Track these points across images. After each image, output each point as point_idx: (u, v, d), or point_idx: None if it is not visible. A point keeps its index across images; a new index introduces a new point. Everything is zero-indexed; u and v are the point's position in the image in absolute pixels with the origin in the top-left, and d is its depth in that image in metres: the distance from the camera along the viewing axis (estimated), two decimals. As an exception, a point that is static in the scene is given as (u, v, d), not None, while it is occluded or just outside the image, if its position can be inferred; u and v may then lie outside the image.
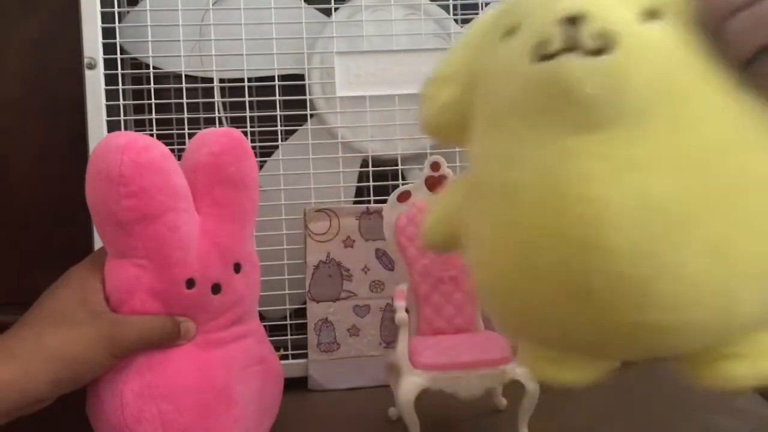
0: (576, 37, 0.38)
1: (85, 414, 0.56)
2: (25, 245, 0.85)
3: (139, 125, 0.76)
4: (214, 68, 0.76)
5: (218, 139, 0.58)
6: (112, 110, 0.74)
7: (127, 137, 0.52)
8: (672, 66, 0.38)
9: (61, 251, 0.85)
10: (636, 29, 0.38)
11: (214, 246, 0.56)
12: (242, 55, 0.76)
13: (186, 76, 0.76)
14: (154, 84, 0.75)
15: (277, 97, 0.77)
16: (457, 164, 0.77)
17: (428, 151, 0.78)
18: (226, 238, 0.57)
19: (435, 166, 0.68)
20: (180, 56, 0.75)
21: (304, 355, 0.76)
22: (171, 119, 0.76)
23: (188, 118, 0.75)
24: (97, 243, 0.73)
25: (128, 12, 0.76)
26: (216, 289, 0.56)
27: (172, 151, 0.74)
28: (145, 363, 0.54)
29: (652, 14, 0.39)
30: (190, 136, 0.74)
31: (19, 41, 0.83)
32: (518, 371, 0.60)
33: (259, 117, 0.77)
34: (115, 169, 0.51)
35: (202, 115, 0.77)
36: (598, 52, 0.38)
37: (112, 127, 0.74)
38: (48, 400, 0.51)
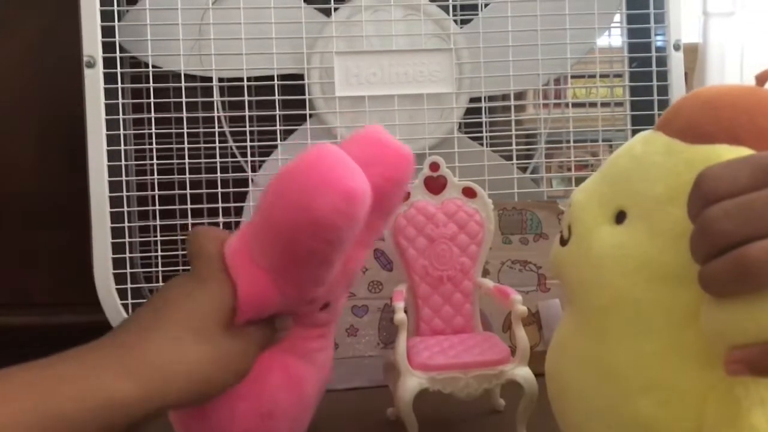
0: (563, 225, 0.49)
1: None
2: (24, 246, 0.85)
3: (138, 124, 0.76)
4: (213, 67, 0.76)
5: (401, 164, 0.54)
6: (111, 109, 0.74)
7: (352, 180, 0.46)
8: (603, 274, 0.45)
9: (60, 252, 0.85)
10: (592, 228, 0.46)
11: (346, 271, 0.53)
12: (241, 54, 0.75)
13: (185, 75, 0.76)
14: (154, 83, 0.75)
15: (277, 96, 0.77)
16: (456, 164, 0.78)
17: (427, 151, 0.78)
18: (357, 264, 0.55)
19: (434, 166, 0.68)
20: (179, 55, 0.75)
21: (302, 355, 0.76)
22: (170, 118, 0.76)
23: (187, 117, 0.75)
24: (96, 243, 0.73)
25: (128, 11, 0.76)
26: (326, 305, 0.54)
27: (170, 150, 0.75)
28: (252, 377, 0.51)
29: (619, 216, 0.45)
30: (189, 135, 0.75)
31: (18, 40, 0.83)
32: (516, 372, 0.59)
33: (258, 116, 0.77)
34: (327, 212, 0.45)
35: (201, 114, 0.77)
36: (564, 242, 0.48)
37: (111, 125, 0.74)
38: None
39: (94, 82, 0.73)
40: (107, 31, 0.74)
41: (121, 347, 0.44)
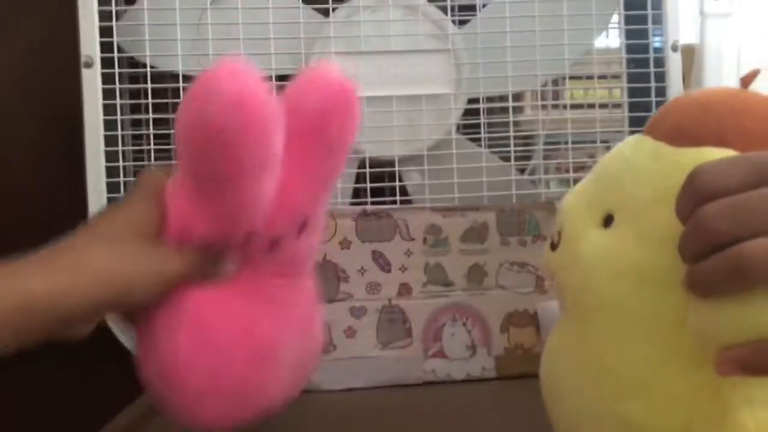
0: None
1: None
2: (22, 247, 0.85)
3: (136, 124, 0.76)
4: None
5: (330, 90, 0.52)
6: (109, 109, 0.74)
7: (241, 84, 0.46)
8: (590, 278, 0.45)
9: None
10: (581, 232, 0.47)
11: (288, 205, 0.52)
12: (240, 54, 0.75)
13: (183, 75, 0.75)
14: (152, 83, 0.75)
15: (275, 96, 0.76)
16: (454, 166, 0.78)
17: (425, 152, 0.78)
18: (301, 198, 0.53)
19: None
20: (177, 55, 0.75)
21: (300, 356, 0.76)
22: (168, 119, 0.76)
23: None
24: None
25: (126, 11, 0.76)
26: (275, 244, 0.52)
27: (168, 151, 0.75)
28: (198, 310, 0.51)
29: (607, 219, 0.46)
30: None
31: (15, 40, 0.83)
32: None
33: (256, 117, 0.77)
34: (221, 120, 0.45)
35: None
36: (555, 246, 0.49)
37: (109, 126, 0.74)
38: (85, 325, 0.48)
39: (91, 82, 0.73)
40: (105, 31, 0.74)
41: (38, 256, 0.47)
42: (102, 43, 0.74)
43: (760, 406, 0.37)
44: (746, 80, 0.46)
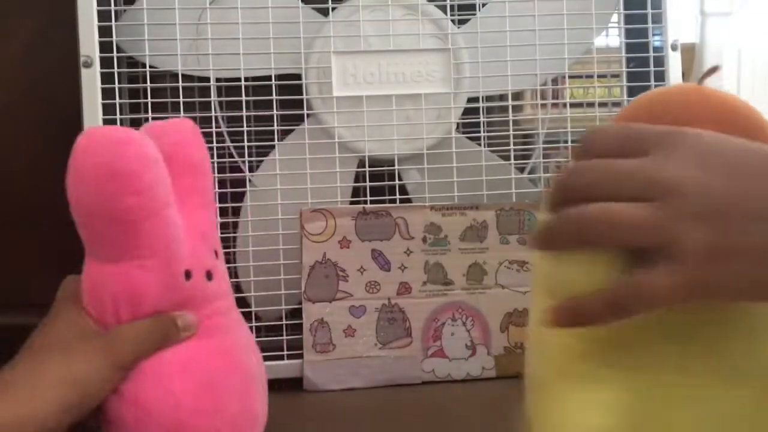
0: None
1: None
2: (22, 247, 0.85)
3: (136, 124, 0.76)
4: (210, 67, 0.76)
5: (177, 128, 0.59)
6: (108, 109, 0.74)
7: (118, 131, 0.52)
8: None
9: (58, 252, 0.85)
10: None
11: (199, 235, 0.56)
12: (239, 54, 0.75)
13: (182, 75, 0.75)
14: (151, 83, 0.75)
15: (274, 96, 0.76)
16: (454, 164, 0.78)
17: (425, 151, 0.78)
18: (206, 225, 0.58)
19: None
20: (177, 55, 0.75)
21: (300, 356, 0.76)
22: (167, 118, 0.75)
23: (185, 118, 0.75)
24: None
25: (125, 10, 0.76)
26: (209, 276, 0.56)
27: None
28: (177, 360, 0.54)
29: None
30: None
31: (14, 40, 0.83)
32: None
33: (255, 117, 0.77)
34: (121, 163, 0.49)
35: (198, 115, 0.76)
36: None
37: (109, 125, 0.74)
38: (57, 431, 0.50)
39: (91, 81, 0.73)
40: (104, 31, 0.74)
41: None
42: (101, 43, 0.73)
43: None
44: (703, 77, 0.48)
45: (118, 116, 0.74)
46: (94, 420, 0.54)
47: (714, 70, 0.49)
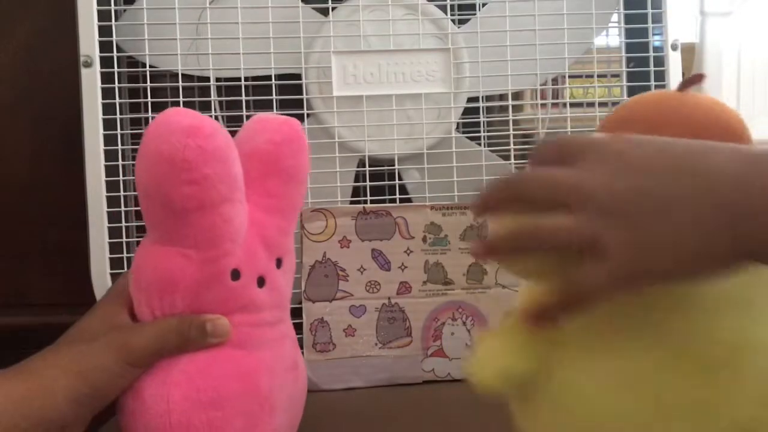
0: None
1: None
2: (21, 246, 0.85)
3: (135, 124, 0.76)
4: (210, 67, 0.76)
5: (279, 128, 0.57)
6: (108, 108, 0.74)
7: (191, 118, 0.49)
8: None
9: (56, 252, 0.85)
10: None
11: (262, 239, 0.54)
12: (239, 54, 0.75)
13: (182, 75, 0.75)
14: (151, 82, 0.75)
15: (274, 96, 0.76)
16: (454, 164, 0.78)
17: (425, 151, 0.78)
18: (273, 231, 0.55)
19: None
20: (176, 55, 0.75)
21: (300, 355, 0.76)
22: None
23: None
24: (94, 243, 0.73)
25: (125, 10, 0.76)
26: (261, 282, 0.54)
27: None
28: (191, 367, 0.52)
29: None
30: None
31: (14, 39, 0.83)
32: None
33: (255, 116, 0.77)
34: (179, 153, 0.48)
35: (198, 114, 0.76)
36: None
37: (108, 125, 0.74)
38: (72, 424, 0.50)
39: (91, 81, 0.73)
40: (104, 31, 0.74)
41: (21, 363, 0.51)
42: (101, 43, 0.73)
43: None
44: (684, 84, 0.52)
45: (118, 116, 0.74)
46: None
47: (698, 78, 0.52)
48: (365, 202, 0.77)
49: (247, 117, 0.75)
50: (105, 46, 0.74)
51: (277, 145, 0.56)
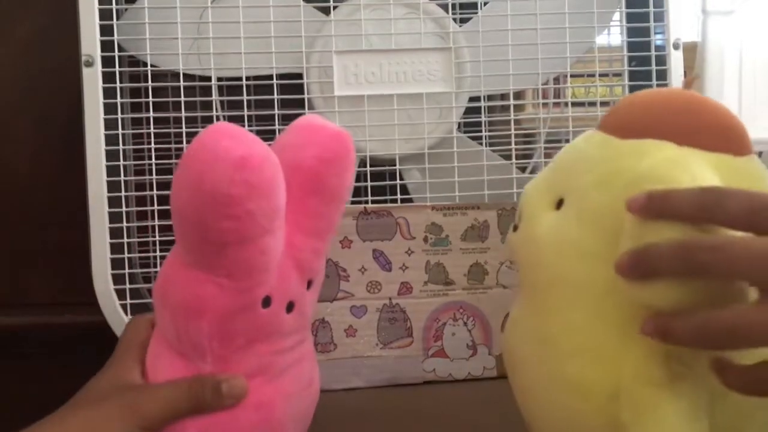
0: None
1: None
2: (22, 246, 0.85)
3: (137, 124, 0.76)
4: (212, 66, 0.75)
5: (329, 143, 0.52)
6: (109, 108, 0.74)
7: (241, 146, 0.45)
8: (541, 254, 0.51)
9: (57, 252, 0.85)
10: (537, 214, 0.52)
11: (296, 262, 0.51)
12: (240, 53, 0.75)
13: (184, 74, 0.75)
14: (152, 82, 0.75)
15: (275, 96, 0.76)
16: (455, 164, 0.78)
17: (426, 151, 0.78)
18: (308, 254, 0.52)
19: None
20: (178, 54, 0.75)
21: (301, 355, 0.76)
22: (169, 118, 0.76)
23: (186, 117, 0.75)
24: (95, 244, 0.73)
25: (126, 9, 0.76)
26: (290, 307, 0.52)
27: (169, 150, 0.75)
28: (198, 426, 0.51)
29: (559, 203, 0.51)
30: (188, 135, 0.74)
31: (15, 38, 0.83)
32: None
33: (257, 116, 0.77)
34: (224, 187, 0.44)
35: (199, 114, 0.76)
36: (516, 228, 0.54)
37: (110, 125, 0.73)
38: None
39: (92, 81, 0.73)
40: (106, 30, 0.74)
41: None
42: (102, 42, 0.73)
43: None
44: (687, 83, 0.53)
45: (119, 115, 0.74)
46: None
47: (695, 78, 0.53)
48: (366, 202, 0.77)
49: (249, 117, 0.76)
50: (106, 46, 0.74)
51: (324, 163, 0.52)
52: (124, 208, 0.74)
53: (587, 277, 0.48)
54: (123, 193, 0.74)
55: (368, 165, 0.77)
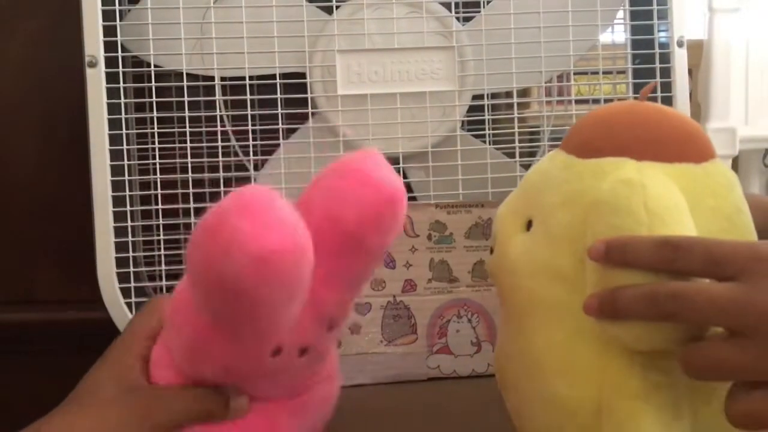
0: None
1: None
2: (26, 243, 0.86)
3: (141, 124, 0.76)
4: (215, 66, 0.76)
5: (379, 205, 0.44)
6: (113, 108, 0.74)
7: (266, 229, 0.38)
8: (516, 277, 0.52)
9: (64, 250, 0.86)
10: (509, 236, 0.53)
11: (317, 314, 0.46)
12: (243, 53, 0.75)
13: (187, 74, 0.76)
14: (156, 82, 0.75)
15: (279, 95, 0.76)
16: (459, 162, 0.78)
17: (430, 149, 0.78)
18: (332, 307, 0.47)
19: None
20: (181, 54, 0.75)
21: (305, 353, 0.76)
22: (172, 117, 0.76)
23: (189, 117, 0.75)
24: (99, 243, 0.73)
25: (129, 10, 0.76)
26: (303, 351, 0.48)
27: (173, 150, 0.75)
28: None
29: (529, 224, 0.52)
30: (192, 134, 0.75)
31: (19, 39, 0.83)
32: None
33: (260, 115, 0.77)
34: (231, 271, 0.38)
35: (203, 114, 0.77)
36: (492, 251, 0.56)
37: (113, 125, 0.74)
38: None
39: (96, 81, 0.73)
40: (109, 31, 0.74)
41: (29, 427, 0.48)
42: (106, 43, 0.74)
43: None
44: (644, 93, 0.54)
45: (123, 115, 0.74)
46: None
47: (653, 87, 0.56)
48: (370, 200, 0.77)
49: (252, 116, 0.76)
50: (110, 46, 0.74)
51: (368, 227, 0.44)
52: (128, 208, 0.74)
53: (562, 297, 0.49)
54: (127, 193, 0.74)
55: (371, 164, 0.77)
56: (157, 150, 0.75)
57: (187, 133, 0.75)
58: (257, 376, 0.49)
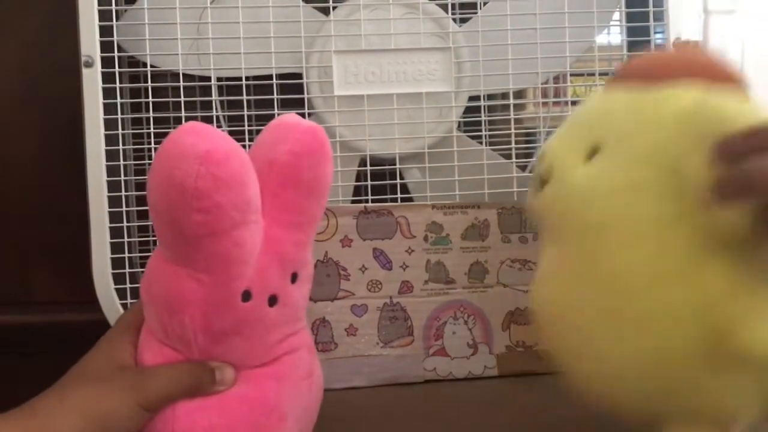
0: (539, 172, 0.56)
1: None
2: (23, 244, 0.85)
3: (137, 123, 0.76)
4: (211, 67, 0.76)
5: (301, 137, 0.53)
6: (109, 108, 0.74)
7: (207, 143, 0.47)
8: (587, 199, 0.52)
9: (61, 251, 0.86)
10: (569, 166, 0.53)
11: (277, 256, 0.52)
12: (240, 53, 0.75)
13: (184, 74, 0.75)
14: (152, 82, 0.75)
15: (275, 95, 0.76)
16: (455, 163, 0.78)
17: (426, 150, 0.78)
18: (290, 247, 0.53)
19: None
20: (177, 54, 0.75)
21: (302, 355, 0.76)
22: (168, 118, 0.76)
23: (186, 117, 0.75)
24: (95, 243, 0.73)
25: (126, 10, 0.76)
26: (273, 300, 0.52)
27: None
28: (190, 419, 0.52)
29: (594, 151, 0.52)
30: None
31: (15, 39, 0.83)
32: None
33: (256, 116, 0.77)
34: (190, 180, 0.46)
35: (199, 114, 0.77)
36: (544, 184, 0.55)
37: (110, 125, 0.74)
38: None
39: (92, 81, 0.73)
40: (105, 31, 0.74)
41: (25, 405, 0.50)
42: (102, 43, 0.73)
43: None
44: (679, 47, 0.60)
45: (119, 115, 0.74)
46: None
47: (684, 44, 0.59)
48: (366, 201, 0.77)
49: (249, 116, 0.76)
50: (106, 46, 0.74)
51: (297, 156, 0.52)
52: (124, 208, 0.74)
53: (649, 212, 0.49)
54: (123, 193, 0.74)
55: (368, 164, 0.77)
56: (153, 150, 0.75)
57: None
58: (232, 325, 0.51)
